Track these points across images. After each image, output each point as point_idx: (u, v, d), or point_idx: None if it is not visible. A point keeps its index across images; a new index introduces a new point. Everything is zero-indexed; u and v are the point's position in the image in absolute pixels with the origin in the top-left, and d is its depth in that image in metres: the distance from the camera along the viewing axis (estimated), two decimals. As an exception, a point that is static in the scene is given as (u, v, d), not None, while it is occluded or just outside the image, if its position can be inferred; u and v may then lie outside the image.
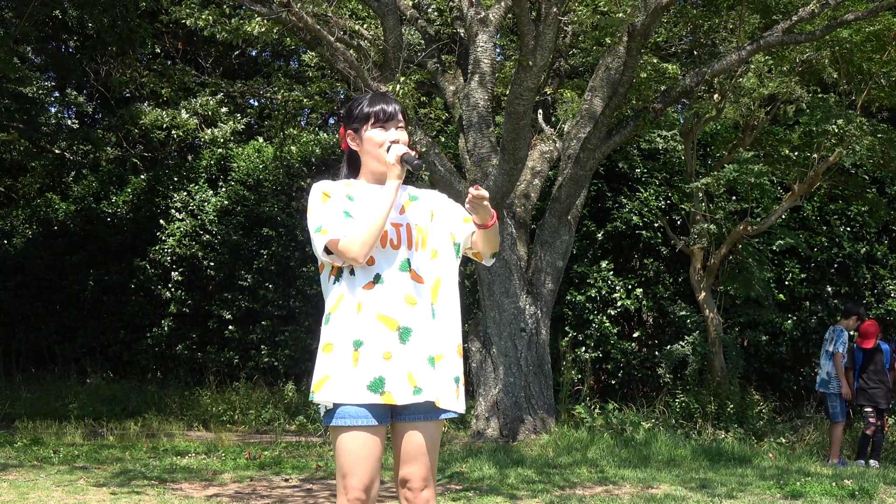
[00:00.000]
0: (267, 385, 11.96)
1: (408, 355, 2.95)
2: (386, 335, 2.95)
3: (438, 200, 3.20)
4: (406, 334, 2.96)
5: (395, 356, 2.94)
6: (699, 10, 10.67)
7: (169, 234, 13.00)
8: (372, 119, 3.07)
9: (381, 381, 2.91)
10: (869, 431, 9.11)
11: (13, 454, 7.90)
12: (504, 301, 9.25)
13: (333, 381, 2.94)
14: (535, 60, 8.26)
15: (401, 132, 3.09)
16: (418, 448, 2.98)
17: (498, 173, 8.82)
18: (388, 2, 8.74)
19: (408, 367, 2.94)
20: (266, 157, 13.28)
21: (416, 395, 2.94)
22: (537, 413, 9.16)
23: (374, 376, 2.91)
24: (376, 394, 2.90)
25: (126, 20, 12.79)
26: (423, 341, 2.98)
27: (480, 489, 6.49)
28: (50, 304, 13.73)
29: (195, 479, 6.81)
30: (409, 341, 2.96)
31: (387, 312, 2.96)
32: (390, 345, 2.94)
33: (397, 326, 2.95)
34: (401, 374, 2.93)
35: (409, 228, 3.06)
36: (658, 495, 6.32)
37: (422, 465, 2.98)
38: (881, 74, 9.75)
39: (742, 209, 10.90)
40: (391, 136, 3.06)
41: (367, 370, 2.92)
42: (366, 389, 2.90)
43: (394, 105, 3.10)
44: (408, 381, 2.93)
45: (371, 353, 2.93)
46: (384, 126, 3.07)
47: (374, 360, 2.92)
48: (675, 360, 10.55)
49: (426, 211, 3.14)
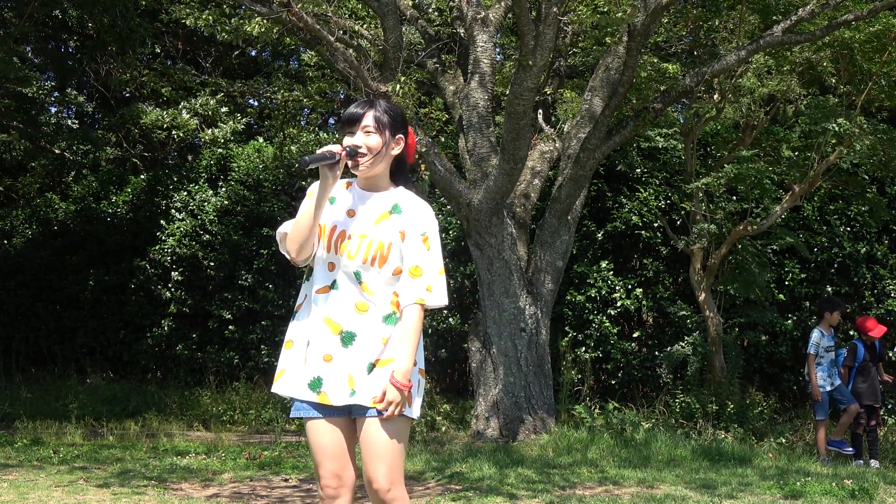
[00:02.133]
0: (267, 385, 11.95)
1: (349, 359, 3.03)
2: (328, 338, 3.05)
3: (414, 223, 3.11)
4: (349, 339, 3.04)
5: (335, 358, 3.04)
6: (699, 10, 10.67)
7: (169, 234, 13.00)
8: (344, 125, 3.16)
9: (319, 381, 3.04)
10: (860, 430, 9.12)
11: (13, 454, 7.90)
12: (504, 301, 9.25)
13: (287, 376, 3.12)
14: (535, 60, 8.26)
15: (369, 137, 3.10)
16: (373, 448, 3.03)
17: (498, 173, 8.81)
18: (388, 2, 8.74)
19: (348, 370, 3.03)
20: (266, 157, 13.27)
21: (352, 397, 3.03)
22: (537, 413, 9.16)
23: (314, 375, 3.05)
24: (314, 392, 3.05)
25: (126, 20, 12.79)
26: (365, 346, 3.03)
27: (480, 489, 6.49)
28: (50, 304, 13.71)
29: (195, 479, 6.81)
30: (352, 345, 3.03)
31: (333, 316, 3.06)
32: (331, 347, 3.04)
33: (340, 330, 3.04)
34: (339, 376, 3.03)
35: (370, 245, 3.07)
36: (658, 495, 6.31)
37: (379, 464, 3.02)
38: (881, 74, 9.75)
39: (742, 209, 10.90)
40: (355, 140, 3.11)
41: (310, 369, 3.06)
42: (306, 387, 3.06)
43: (360, 109, 3.12)
44: (347, 383, 3.02)
45: (314, 353, 3.06)
46: (351, 129, 3.13)
47: (316, 360, 3.06)
48: (676, 360, 10.55)
49: (398, 230, 3.11)
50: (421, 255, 3.07)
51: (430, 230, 3.12)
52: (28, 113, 13.52)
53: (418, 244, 3.08)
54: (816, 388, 8.96)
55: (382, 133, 3.11)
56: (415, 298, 3.04)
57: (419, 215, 3.13)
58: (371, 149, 3.10)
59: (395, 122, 3.15)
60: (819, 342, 9.08)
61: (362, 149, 3.09)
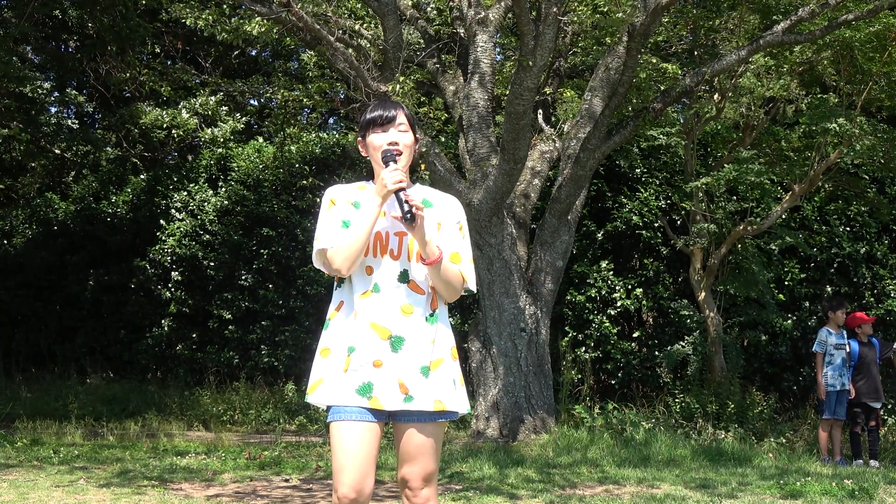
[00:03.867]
0: (267, 385, 11.96)
1: (399, 364, 3.01)
2: (377, 343, 3.01)
3: (448, 213, 3.18)
4: (398, 343, 3.02)
5: (385, 364, 3.00)
6: (699, 10, 10.67)
7: (169, 234, 12.99)
8: (372, 125, 3.14)
9: (370, 386, 2.98)
10: (857, 430, 9.12)
11: (13, 454, 7.90)
12: (504, 301, 9.25)
13: (326, 385, 3.04)
14: (535, 60, 8.26)
15: (403, 135, 3.13)
16: (416, 448, 3.03)
17: (498, 173, 8.81)
18: (388, 2, 8.73)
19: (399, 375, 3.00)
20: (266, 156, 13.27)
21: (408, 403, 3.00)
22: (537, 413, 9.16)
23: (363, 381, 2.99)
24: (364, 398, 2.98)
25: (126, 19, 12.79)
26: (416, 350, 3.03)
27: (480, 489, 6.49)
28: (50, 304, 13.72)
29: (195, 479, 6.81)
30: (402, 350, 3.02)
31: (380, 321, 3.02)
32: (381, 353, 3.00)
33: (389, 335, 3.01)
34: (391, 381, 2.99)
35: (412, 242, 3.08)
36: (658, 495, 6.31)
37: (420, 465, 3.04)
38: (882, 74, 9.76)
39: (742, 209, 10.90)
40: (389, 137, 3.11)
41: (357, 375, 2.99)
42: (354, 393, 2.98)
43: (392, 110, 3.15)
44: (398, 388, 2.99)
45: (361, 359, 3.00)
46: (384, 128, 3.13)
47: (364, 366, 3.00)
48: (676, 360, 10.55)
49: (434, 221, 3.14)
50: (458, 243, 3.13)
51: (463, 220, 3.19)
52: (28, 113, 13.52)
53: (455, 232, 3.14)
54: (822, 386, 8.96)
55: (414, 131, 3.18)
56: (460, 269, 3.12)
57: (452, 206, 3.19)
58: (407, 146, 3.14)
59: (415, 122, 3.23)
60: (826, 340, 9.07)
61: (399, 146, 3.11)
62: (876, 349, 9.41)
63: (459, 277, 3.11)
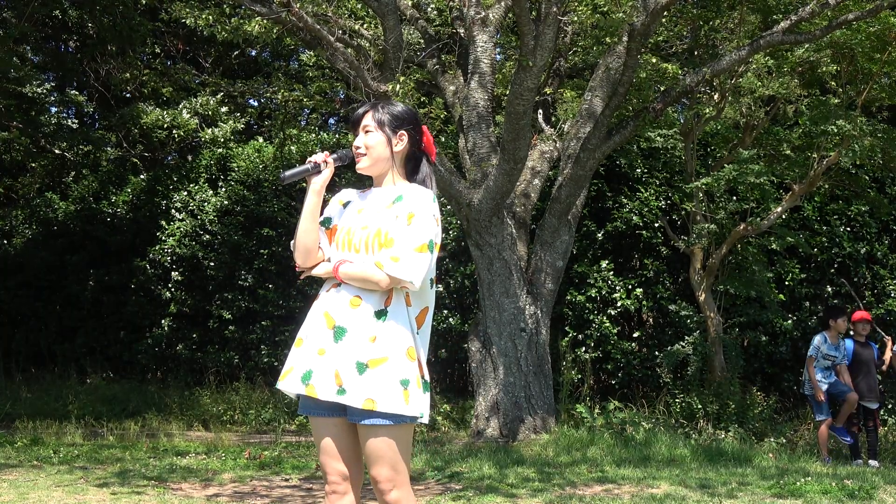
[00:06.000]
0: (267, 385, 11.96)
1: (338, 354, 3.04)
2: (323, 331, 3.08)
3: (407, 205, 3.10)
4: (340, 333, 3.05)
5: (327, 353, 3.05)
6: (699, 10, 10.67)
7: (169, 235, 13.00)
8: (351, 127, 3.27)
9: (309, 373, 3.05)
10: (854, 429, 9.11)
11: (13, 454, 7.90)
12: (504, 301, 9.25)
13: (294, 373, 3.12)
14: (535, 60, 8.26)
15: (368, 136, 3.20)
16: (372, 450, 3.02)
17: (498, 173, 8.81)
18: (388, 1, 8.73)
19: (335, 366, 3.03)
20: (266, 156, 13.27)
21: (340, 396, 3.01)
22: (537, 413, 9.16)
23: (306, 368, 3.06)
24: (303, 384, 3.05)
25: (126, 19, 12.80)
26: (354, 344, 3.02)
27: (480, 489, 6.49)
28: (50, 304, 13.72)
29: (195, 479, 6.80)
30: (342, 341, 3.04)
31: (330, 311, 3.09)
32: (324, 341, 3.06)
33: (333, 325, 3.06)
34: (328, 370, 3.03)
35: (369, 234, 3.11)
36: (658, 495, 6.31)
37: (381, 467, 3.02)
38: (882, 74, 9.76)
39: (742, 209, 10.90)
40: (357, 140, 3.22)
41: (304, 362, 3.08)
42: (299, 380, 3.07)
43: (362, 110, 3.23)
44: (333, 378, 3.02)
45: (310, 346, 3.08)
46: (354, 130, 3.25)
47: (310, 353, 3.07)
48: (676, 360, 10.55)
49: (395, 215, 3.11)
50: (400, 229, 3.05)
51: (418, 209, 3.06)
52: (28, 113, 13.52)
53: (402, 220, 3.06)
54: (818, 389, 8.93)
55: (382, 130, 3.18)
56: (377, 259, 3.02)
57: (414, 198, 3.10)
58: (370, 147, 3.18)
59: (395, 120, 3.20)
60: (820, 346, 9.02)
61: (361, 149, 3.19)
62: (873, 350, 9.41)
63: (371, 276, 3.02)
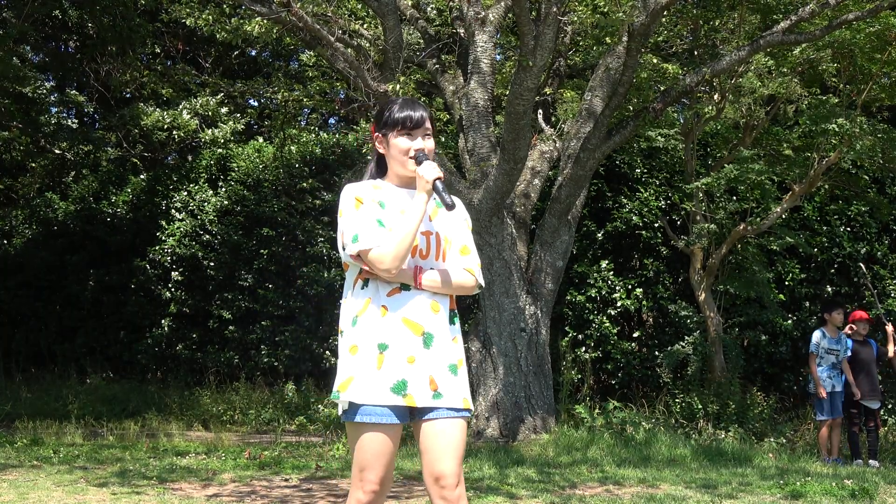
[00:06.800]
0: (267, 385, 11.96)
1: (430, 360, 3.05)
2: (411, 339, 3.04)
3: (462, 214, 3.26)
4: (430, 340, 3.06)
5: (418, 360, 3.03)
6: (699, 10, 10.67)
7: (169, 235, 13.00)
8: (399, 126, 3.13)
9: (404, 383, 3.01)
10: (855, 429, 9.11)
11: (13, 454, 7.89)
12: (504, 301, 9.25)
13: (358, 382, 3.02)
14: (535, 60, 8.26)
15: (427, 140, 3.16)
16: (447, 445, 3.03)
17: (498, 173, 8.81)
18: (388, 2, 8.73)
19: (429, 372, 3.04)
20: (266, 157, 13.27)
21: (437, 400, 3.03)
22: (537, 413, 9.16)
23: (398, 379, 3.01)
24: (399, 395, 3.00)
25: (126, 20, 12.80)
26: (443, 348, 3.08)
27: (480, 489, 6.49)
28: (50, 304, 13.72)
29: (195, 479, 6.80)
30: (433, 346, 3.06)
31: (413, 317, 3.05)
32: (414, 349, 3.03)
33: (422, 331, 3.05)
34: (422, 377, 3.03)
35: (437, 238, 3.14)
36: (658, 495, 6.31)
37: (453, 462, 3.02)
38: (882, 74, 9.76)
39: (742, 209, 10.90)
40: (416, 144, 3.13)
41: (392, 373, 3.01)
42: (389, 391, 3.00)
43: (421, 112, 3.15)
44: (428, 384, 3.03)
45: (396, 356, 3.02)
46: (410, 134, 3.13)
47: (398, 363, 3.02)
48: (676, 360, 10.55)
49: (450, 221, 3.22)
50: (468, 238, 3.20)
51: (468, 217, 3.28)
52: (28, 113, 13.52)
53: (464, 228, 3.21)
54: (820, 386, 8.94)
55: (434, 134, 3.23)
56: (466, 266, 3.14)
57: (460, 206, 3.25)
58: (431, 151, 3.18)
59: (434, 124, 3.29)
60: (819, 342, 9.06)
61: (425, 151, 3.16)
62: (873, 349, 9.40)
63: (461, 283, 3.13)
